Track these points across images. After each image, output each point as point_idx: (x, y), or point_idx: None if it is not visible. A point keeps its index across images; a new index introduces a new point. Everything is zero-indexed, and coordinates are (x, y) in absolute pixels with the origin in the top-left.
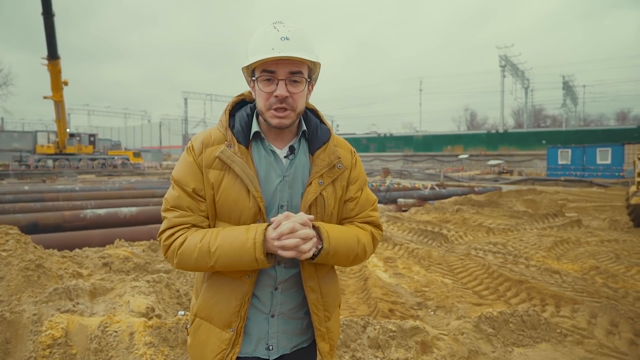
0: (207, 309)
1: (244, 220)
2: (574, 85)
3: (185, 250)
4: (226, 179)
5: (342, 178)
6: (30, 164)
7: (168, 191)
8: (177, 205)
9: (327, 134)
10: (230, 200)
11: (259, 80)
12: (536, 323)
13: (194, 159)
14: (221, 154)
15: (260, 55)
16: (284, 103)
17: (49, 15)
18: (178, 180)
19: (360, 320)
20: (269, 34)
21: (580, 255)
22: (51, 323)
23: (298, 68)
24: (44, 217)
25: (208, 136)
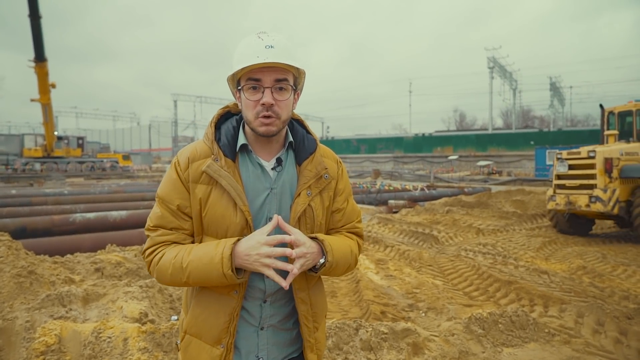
0: (196, 325)
1: (231, 235)
2: (561, 86)
3: (161, 267)
4: (213, 193)
5: (329, 188)
6: (18, 168)
7: (152, 209)
8: (160, 225)
9: (313, 144)
10: (217, 214)
11: (245, 89)
12: (525, 323)
13: (178, 176)
14: (208, 168)
15: (245, 63)
16: (270, 111)
17: (35, 17)
18: (162, 198)
19: (352, 322)
20: (253, 43)
21: (567, 255)
22: (44, 330)
23: (283, 75)
24: (32, 222)
25: (194, 150)
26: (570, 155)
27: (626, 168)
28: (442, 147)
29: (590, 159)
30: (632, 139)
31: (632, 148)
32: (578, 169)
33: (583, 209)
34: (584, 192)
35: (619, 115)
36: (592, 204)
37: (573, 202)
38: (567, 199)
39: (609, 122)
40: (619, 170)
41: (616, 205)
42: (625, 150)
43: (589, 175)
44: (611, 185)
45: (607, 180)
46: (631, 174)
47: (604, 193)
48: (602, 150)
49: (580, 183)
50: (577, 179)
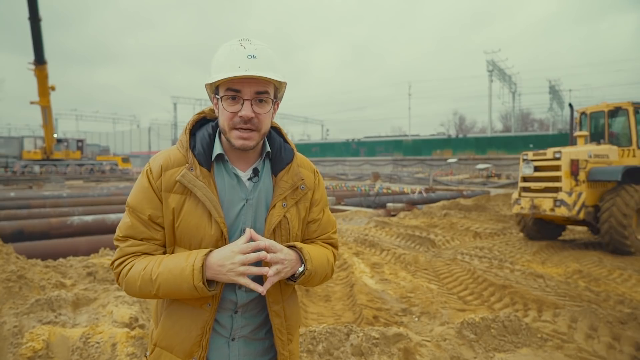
0: (167, 338)
1: (205, 247)
2: (560, 89)
3: (130, 278)
4: (187, 203)
5: (306, 199)
6: (17, 170)
7: (122, 218)
8: (129, 235)
9: (290, 153)
10: (191, 225)
11: (224, 99)
12: (517, 328)
13: (150, 185)
14: (182, 177)
15: (225, 73)
16: (248, 123)
17: (35, 19)
18: (133, 207)
19: (343, 328)
20: (235, 51)
21: (564, 259)
22: (32, 335)
23: (264, 88)
24: (30, 225)
25: (167, 158)
26: (536, 157)
27: (594, 171)
28: (442, 150)
29: (555, 160)
30: (603, 140)
31: (601, 150)
32: (544, 170)
33: (547, 214)
34: (549, 195)
35: (591, 116)
36: (557, 208)
37: (537, 205)
38: (531, 203)
39: (581, 123)
40: (587, 173)
41: (582, 210)
42: (594, 152)
43: (554, 177)
44: (577, 189)
45: (572, 183)
46: (599, 177)
47: (569, 197)
48: (568, 151)
49: (546, 186)
50: (542, 181)
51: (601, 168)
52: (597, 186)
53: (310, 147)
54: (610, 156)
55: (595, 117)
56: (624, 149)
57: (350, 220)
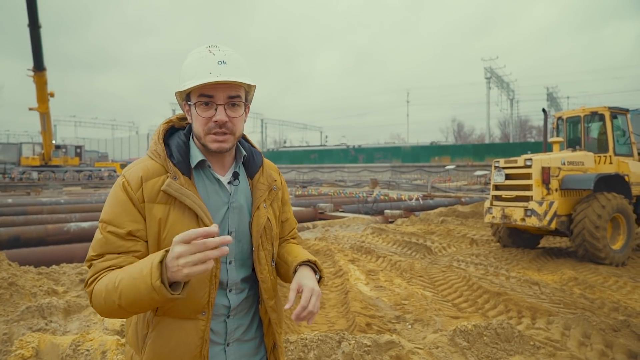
0: (161, 355)
1: None
2: (558, 96)
3: (96, 291)
4: (173, 213)
5: (277, 199)
6: (15, 177)
7: (96, 234)
8: (105, 251)
9: (260, 157)
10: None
11: (197, 105)
12: (510, 336)
13: (129, 197)
14: (168, 187)
15: (197, 79)
16: (223, 127)
17: (35, 26)
18: (109, 221)
19: (335, 335)
20: (205, 58)
21: (560, 266)
22: (21, 342)
23: (236, 92)
24: (26, 231)
25: (145, 169)
26: (507, 164)
27: (567, 179)
28: (440, 156)
29: (526, 168)
30: (579, 147)
31: (576, 157)
32: (515, 178)
33: (518, 224)
34: (520, 204)
35: (567, 122)
36: (527, 218)
37: (508, 215)
38: (502, 212)
39: (558, 128)
40: (560, 181)
41: (554, 220)
42: (568, 159)
43: (526, 186)
44: (549, 198)
45: (544, 192)
46: (572, 185)
47: (540, 206)
48: (540, 158)
49: (517, 195)
50: (513, 189)
51: (574, 176)
52: (571, 194)
53: (309, 153)
54: (585, 163)
55: (572, 122)
56: (600, 155)
57: (347, 227)
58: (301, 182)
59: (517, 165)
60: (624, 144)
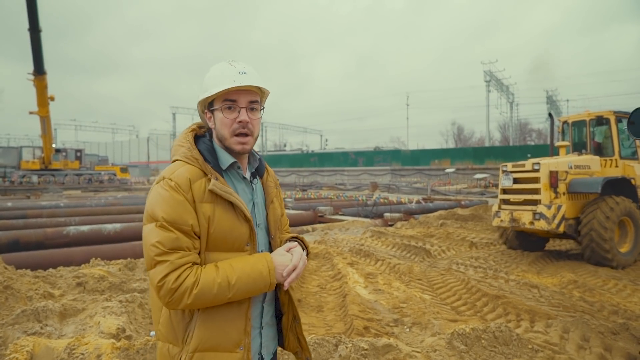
0: (212, 338)
1: (237, 246)
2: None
3: (204, 288)
4: (218, 210)
5: (279, 195)
6: (15, 180)
7: (156, 234)
8: (176, 247)
9: (263, 160)
10: (225, 229)
11: (222, 109)
12: (508, 339)
13: (184, 197)
14: (214, 187)
15: (224, 86)
16: (245, 128)
17: (35, 30)
18: (172, 220)
19: (332, 338)
20: (227, 70)
21: (560, 268)
22: (16, 346)
23: (255, 97)
24: (25, 235)
25: (190, 172)
26: (515, 168)
27: (575, 182)
28: (440, 159)
29: (534, 172)
30: (585, 150)
31: (583, 161)
32: (523, 182)
33: (527, 227)
34: (528, 208)
35: (573, 125)
36: (536, 221)
37: (517, 219)
38: (511, 216)
39: (564, 132)
40: (567, 184)
41: (562, 223)
42: (575, 163)
43: (534, 189)
44: (557, 201)
45: (552, 196)
46: (579, 188)
47: (548, 210)
48: (547, 162)
49: (525, 198)
50: (521, 193)
51: (581, 179)
52: (578, 198)
53: (309, 157)
54: (591, 167)
55: (577, 126)
56: (606, 159)
57: (346, 230)
58: (301, 185)
59: (525, 170)
60: (629, 147)
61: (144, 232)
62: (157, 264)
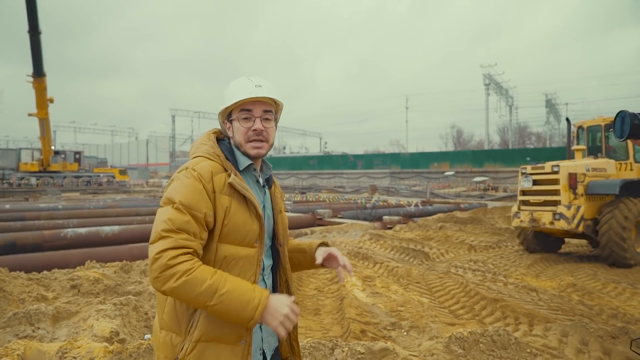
0: (214, 331)
1: (248, 241)
2: (557, 103)
3: (193, 280)
4: (233, 204)
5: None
6: (13, 182)
7: (170, 213)
8: (184, 229)
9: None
10: (239, 223)
11: (239, 119)
12: (506, 343)
13: (204, 187)
14: (233, 181)
15: (240, 97)
16: (260, 135)
17: (35, 33)
18: (188, 205)
19: (328, 342)
20: (245, 83)
21: (559, 272)
22: (7, 350)
23: (269, 108)
24: (23, 237)
25: (212, 165)
26: (534, 170)
27: (592, 184)
28: (439, 162)
29: (554, 174)
30: (600, 154)
31: (599, 164)
32: (542, 184)
33: (547, 227)
34: (548, 208)
35: (588, 130)
36: (556, 222)
37: (537, 219)
38: (531, 216)
39: (579, 137)
40: (585, 186)
41: (581, 223)
42: (592, 165)
43: (553, 191)
44: (576, 202)
45: (571, 197)
46: (598, 190)
47: (568, 210)
48: (566, 165)
49: (544, 199)
50: (541, 195)
51: (599, 181)
52: (595, 199)
53: (308, 159)
54: (607, 170)
55: (592, 130)
56: (621, 162)
57: (345, 233)
58: (300, 188)
59: (544, 172)
60: None
61: (159, 212)
62: (161, 239)
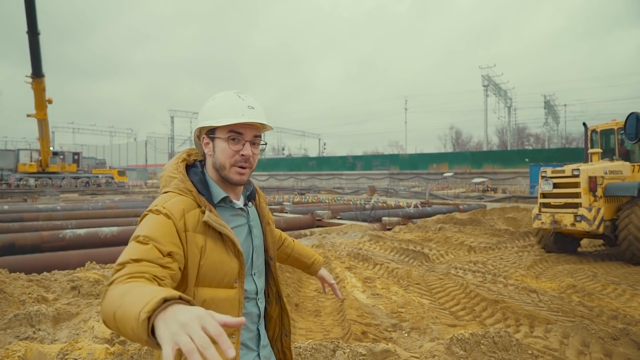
0: None
1: (227, 282)
2: (555, 104)
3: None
4: (209, 242)
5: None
6: (12, 183)
7: (130, 246)
8: (143, 258)
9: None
10: (216, 262)
11: (227, 140)
12: (508, 344)
13: (174, 224)
14: (209, 219)
15: (233, 118)
16: (247, 162)
17: (34, 33)
18: (153, 238)
19: (329, 344)
20: (236, 102)
21: (558, 273)
22: (7, 351)
23: (259, 133)
24: (21, 238)
25: (184, 202)
26: (554, 174)
27: (610, 186)
28: (438, 164)
29: (574, 177)
30: (615, 157)
31: (615, 166)
32: (563, 187)
33: (568, 228)
34: (569, 210)
35: (601, 134)
36: (578, 223)
37: (558, 220)
38: (552, 218)
39: (592, 140)
40: (604, 188)
41: (601, 224)
42: (609, 168)
43: (574, 193)
44: (596, 204)
45: (591, 199)
46: (615, 192)
47: (589, 212)
48: (586, 168)
49: (565, 202)
50: (561, 197)
51: (617, 184)
52: (613, 201)
53: (307, 160)
54: (623, 172)
55: (605, 134)
56: (635, 164)
57: (344, 234)
58: (299, 189)
59: (564, 175)
60: None
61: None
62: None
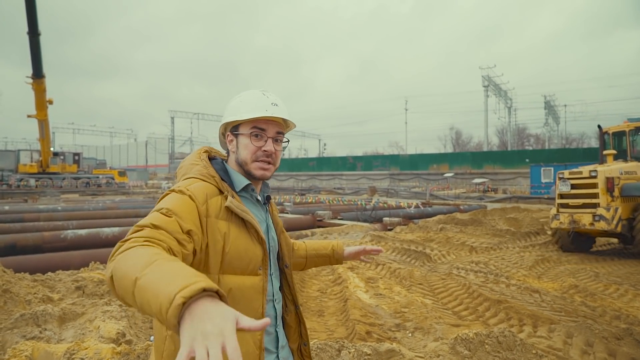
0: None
1: (252, 268)
2: (556, 104)
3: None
4: (232, 228)
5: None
6: (12, 184)
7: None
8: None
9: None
10: (240, 249)
11: (250, 136)
12: (512, 344)
13: (196, 207)
14: (231, 204)
15: (257, 113)
16: (269, 157)
17: (34, 34)
18: (176, 212)
19: (335, 343)
20: (261, 99)
21: (560, 273)
22: (15, 351)
23: (282, 130)
24: (22, 238)
25: (207, 187)
26: (572, 175)
27: (626, 187)
28: (438, 164)
29: (592, 178)
30: (628, 158)
31: (630, 167)
32: (580, 188)
33: (587, 227)
34: (587, 210)
35: (613, 135)
36: (596, 223)
37: (577, 220)
38: (570, 218)
39: (605, 141)
40: (620, 189)
41: (619, 223)
42: (625, 169)
43: (592, 194)
44: (613, 204)
45: (609, 199)
46: (632, 192)
47: (607, 212)
48: (603, 169)
49: (584, 202)
50: (579, 198)
51: (634, 184)
52: (629, 201)
53: (307, 161)
54: (638, 172)
55: (617, 136)
56: None
57: (346, 234)
58: (299, 189)
59: (582, 176)
60: None
61: None
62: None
